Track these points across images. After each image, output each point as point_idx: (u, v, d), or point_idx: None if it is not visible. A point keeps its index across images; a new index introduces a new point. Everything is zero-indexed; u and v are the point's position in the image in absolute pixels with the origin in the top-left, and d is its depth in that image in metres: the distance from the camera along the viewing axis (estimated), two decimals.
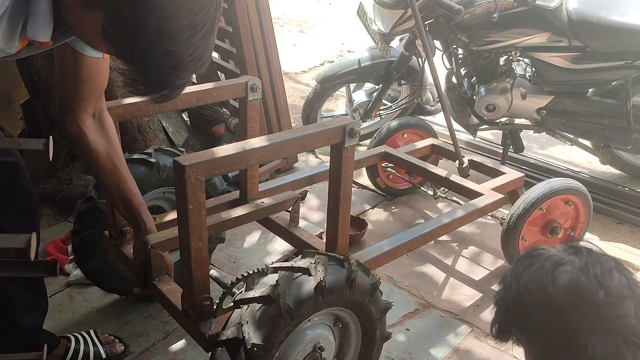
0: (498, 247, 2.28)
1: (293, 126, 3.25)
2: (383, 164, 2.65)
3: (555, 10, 2.51)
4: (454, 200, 2.50)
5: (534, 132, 2.89)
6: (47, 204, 2.75)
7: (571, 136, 2.82)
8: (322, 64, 4.86)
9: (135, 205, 1.58)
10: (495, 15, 2.50)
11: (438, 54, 2.78)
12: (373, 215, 2.75)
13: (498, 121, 2.87)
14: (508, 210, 2.19)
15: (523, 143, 2.97)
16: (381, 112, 3.17)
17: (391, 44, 2.95)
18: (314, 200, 2.82)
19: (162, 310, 1.98)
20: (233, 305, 1.38)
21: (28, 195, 1.59)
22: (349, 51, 5.02)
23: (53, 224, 2.64)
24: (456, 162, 2.48)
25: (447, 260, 2.41)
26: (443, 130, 2.94)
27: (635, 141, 2.62)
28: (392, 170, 2.67)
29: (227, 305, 1.45)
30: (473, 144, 3.29)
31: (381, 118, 3.18)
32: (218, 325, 1.42)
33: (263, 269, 1.43)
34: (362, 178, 2.92)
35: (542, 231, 2.23)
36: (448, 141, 2.63)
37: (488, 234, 2.54)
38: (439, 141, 2.69)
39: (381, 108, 3.17)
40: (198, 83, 3.13)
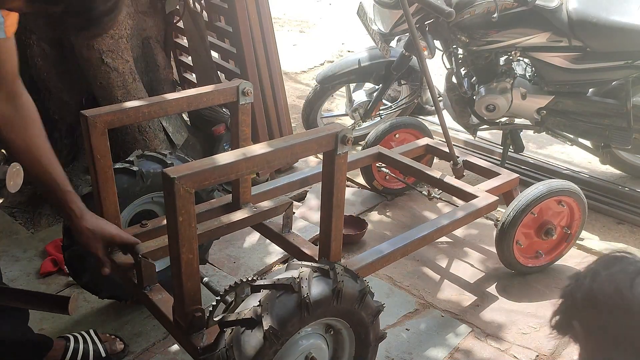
0: None
1: (293, 126, 3.25)
2: (377, 164, 2.65)
3: (555, 10, 2.50)
4: (450, 200, 2.49)
5: (534, 132, 2.89)
6: (47, 204, 2.75)
7: (571, 136, 2.81)
8: (322, 64, 4.86)
9: (60, 192, 1.49)
10: (495, 15, 2.50)
11: (438, 54, 2.78)
12: (373, 215, 2.75)
13: (498, 121, 2.87)
14: (505, 209, 2.19)
15: (523, 143, 2.97)
16: (381, 112, 3.17)
17: (391, 44, 2.96)
18: (314, 200, 2.82)
19: None
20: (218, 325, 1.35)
21: None
22: (349, 51, 5.02)
23: (53, 224, 2.63)
24: (450, 163, 2.48)
25: (447, 261, 2.41)
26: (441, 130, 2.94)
27: (635, 141, 2.62)
28: (387, 170, 2.66)
29: (218, 316, 1.42)
30: (473, 144, 3.29)
31: (381, 118, 3.17)
32: (210, 336, 1.39)
33: (252, 279, 1.41)
34: (362, 178, 2.92)
35: (537, 234, 2.22)
36: (445, 141, 2.62)
37: (488, 234, 2.54)
38: (434, 141, 2.67)
39: (381, 108, 3.17)
40: (198, 83, 3.15)
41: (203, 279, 1.67)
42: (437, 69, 3.20)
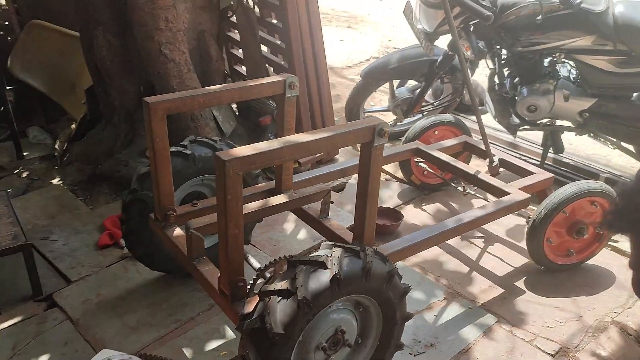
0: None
1: (335, 119, 3.36)
2: (415, 159, 2.73)
3: (601, 13, 2.52)
4: (485, 197, 2.55)
5: (576, 135, 2.90)
6: (105, 183, 2.97)
7: (614, 139, 2.82)
8: (368, 60, 4.94)
9: None
10: (539, 17, 2.54)
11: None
12: (409, 208, 2.83)
13: (539, 122, 2.90)
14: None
15: (563, 145, 2.99)
16: (423, 109, 3.23)
17: (435, 43, 3.02)
18: (353, 191, 2.92)
19: None
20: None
21: None
22: (395, 48, 5.08)
23: (110, 202, 2.85)
24: (487, 160, 2.53)
25: (478, 254, 2.47)
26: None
27: None
28: (425, 165, 2.74)
29: (258, 288, 1.55)
30: (513, 144, 3.32)
31: (423, 115, 3.24)
32: (250, 304, 1.54)
33: (290, 257, 1.54)
34: (401, 173, 3.00)
35: (568, 232, 2.26)
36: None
37: (520, 231, 2.58)
38: (472, 139, 2.73)
39: (423, 105, 3.24)
40: (248, 75, 3.30)
41: (246, 255, 1.81)
42: (482, 69, 3.23)
